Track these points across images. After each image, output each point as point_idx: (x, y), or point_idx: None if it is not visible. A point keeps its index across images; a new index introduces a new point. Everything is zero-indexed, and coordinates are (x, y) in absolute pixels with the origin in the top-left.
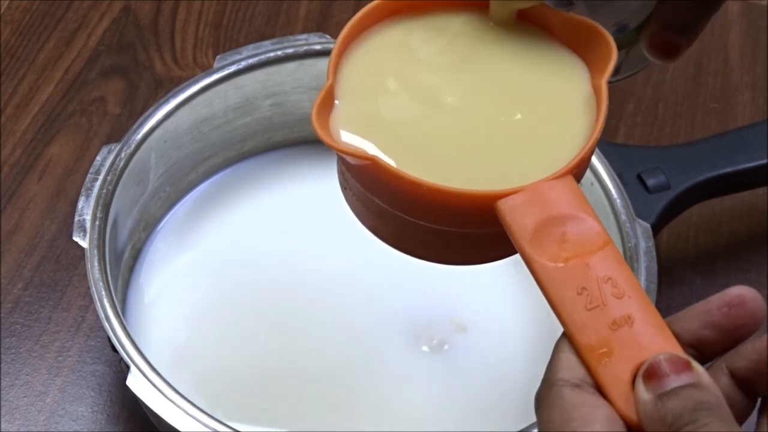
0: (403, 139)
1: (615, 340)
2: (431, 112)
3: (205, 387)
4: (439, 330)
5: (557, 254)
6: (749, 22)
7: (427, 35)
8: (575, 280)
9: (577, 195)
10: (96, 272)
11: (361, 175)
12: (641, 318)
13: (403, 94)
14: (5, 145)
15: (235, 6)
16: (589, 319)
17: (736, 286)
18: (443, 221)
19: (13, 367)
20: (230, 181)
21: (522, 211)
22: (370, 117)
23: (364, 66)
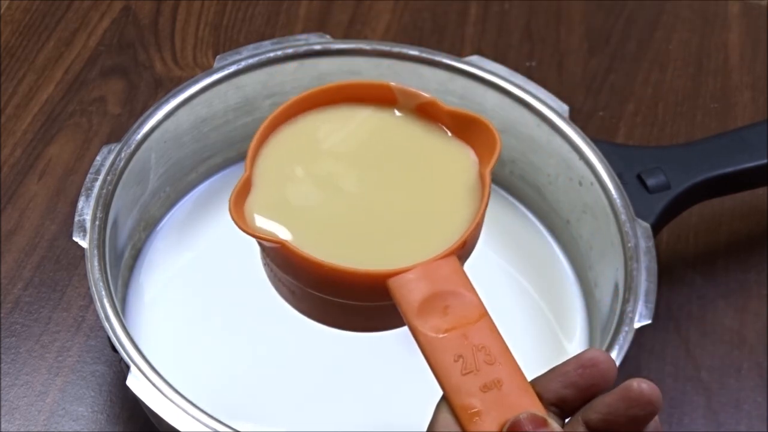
0: (308, 223)
1: (486, 401)
2: (331, 198)
3: (205, 387)
4: None
5: (439, 325)
6: (749, 22)
7: (333, 126)
8: (453, 349)
9: (459, 273)
10: (96, 272)
11: (273, 255)
12: (509, 381)
13: (308, 181)
14: (5, 145)
15: (235, 6)
16: (463, 383)
17: (590, 349)
18: (342, 295)
19: (13, 367)
20: (230, 181)
21: (410, 288)
22: (280, 203)
23: (276, 156)
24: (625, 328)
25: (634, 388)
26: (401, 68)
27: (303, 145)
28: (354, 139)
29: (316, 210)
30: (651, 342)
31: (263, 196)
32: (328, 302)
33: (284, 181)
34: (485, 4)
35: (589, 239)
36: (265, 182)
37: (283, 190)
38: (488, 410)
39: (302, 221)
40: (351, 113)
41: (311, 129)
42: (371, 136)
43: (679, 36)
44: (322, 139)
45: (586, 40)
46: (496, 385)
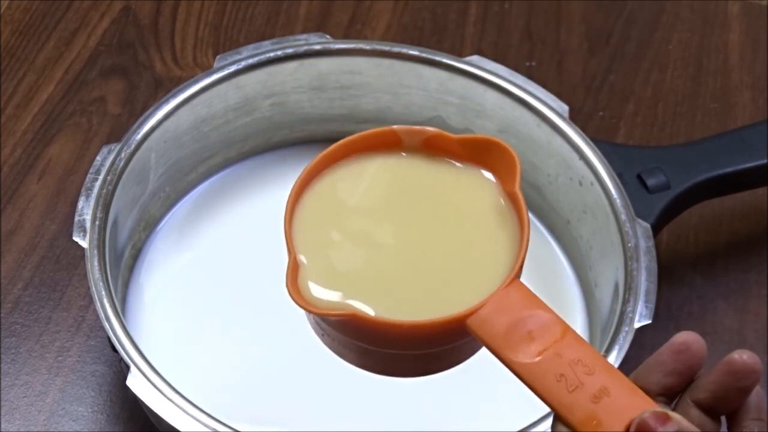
0: (363, 286)
1: (600, 411)
2: (374, 255)
3: (205, 387)
4: None
5: (530, 351)
6: (749, 22)
7: (349, 183)
8: (552, 370)
9: (530, 295)
10: (96, 272)
11: (341, 326)
12: (615, 386)
13: (346, 244)
14: (5, 145)
15: (235, 6)
16: (573, 400)
17: (678, 333)
18: (421, 347)
19: (13, 367)
20: (230, 181)
21: (491, 322)
22: (329, 273)
23: (307, 227)
24: (625, 328)
25: (737, 361)
26: (401, 68)
27: (329, 209)
28: (374, 191)
29: (364, 271)
30: (651, 342)
31: (312, 272)
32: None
33: (325, 250)
34: (485, 4)
35: (589, 239)
36: (308, 257)
37: (327, 259)
38: (606, 419)
39: (356, 285)
40: (362, 167)
41: (330, 191)
42: (390, 185)
43: (679, 36)
44: (344, 199)
45: (586, 40)
46: (604, 393)
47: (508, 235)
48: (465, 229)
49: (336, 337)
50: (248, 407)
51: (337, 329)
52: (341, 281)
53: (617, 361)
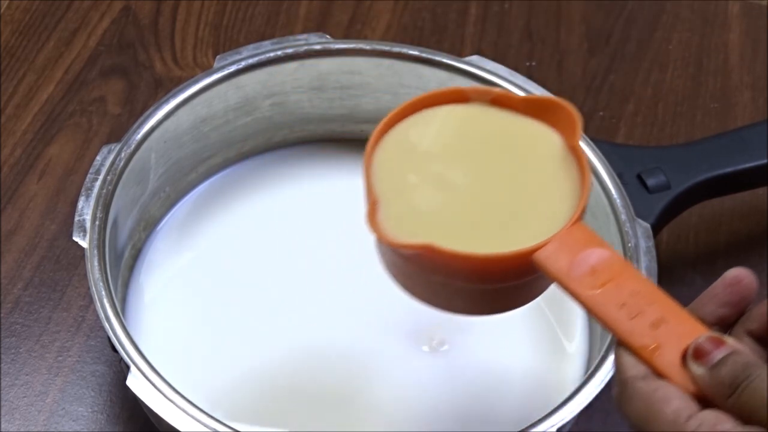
0: (439, 223)
1: (659, 336)
2: (450, 195)
3: (205, 387)
4: (439, 330)
5: (593, 283)
6: (749, 22)
7: (420, 130)
8: (614, 299)
9: (592, 235)
10: (96, 272)
11: (417, 259)
12: (672, 315)
13: (424, 185)
14: (5, 145)
15: (235, 6)
16: (634, 326)
17: (730, 269)
18: (490, 281)
19: (13, 367)
20: (230, 181)
21: (556, 257)
22: (406, 210)
23: (386, 170)
24: None
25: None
26: (401, 68)
27: (404, 153)
28: (444, 136)
29: (441, 209)
30: None
31: (392, 209)
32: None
33: (405, 191)
34: (485, 4)
35: None
36: (388, 196)
37: (404, 199)
38: (665, 343)
39: (432, 222)
40: (431, 115)
41: (403, 138)
42: (459, 129)
43: (679, 36)
44: (416, 144)
45: (586, 40)
46: (662, 321)
47: (570, 182)
48: (531, 173)
49: (409, 273)
50: (248, 407)
51: (412, 263)
52: (418, 219)
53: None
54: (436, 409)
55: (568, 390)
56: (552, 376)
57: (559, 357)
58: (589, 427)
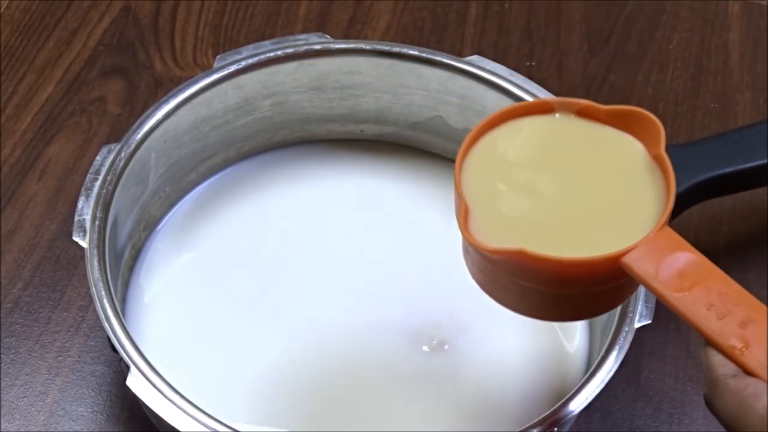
0: (528, 229)
1: (748, 335)
2: (538, 202)
3: (205, 387)
4: (439, 330)
5: (681, 285)
6: (749, 22)
7: (508, 141)
8: (702, 300)
9: (679, 240)
10: (96, 272)
11: (507, 264)
12: (759, 314)
13: (512, 193)
14: (5, 145)
15: (235, 6)
16: (723, 326)
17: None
18: (579, 286)
19: (13, 367)
20: (230, 181)
21: (644, 260)
22: (498, 218)
23: (474, 178)
24: (625, 328)
25: None
26: (401, 68)
27: (491, 164)
28: (531, 145)
29: (530, 216)
30: (651, 342)
31: (481, 216)
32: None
33: (493, 199)
34: (485, 4)
35: None
36: (477, 203)
37: (496, 206)
38: (754, 342)
39: (521, 228)
40: (517, 126)
41: (490, 148)
42: (545, 139)
43: (679, 36)
44: (504, 154)
45: (586, 40)
46: (750, 320)
47: (654, 189)
48: (616, 180)
49: (498, 279)
50: (248, 407)
51: (502, 269)
52: (507, 225)
53: (617, 361)
54: (437, 408)
55: (568, 390)
56: (552, 376)
57: (559, 357)
58: (589, 427)
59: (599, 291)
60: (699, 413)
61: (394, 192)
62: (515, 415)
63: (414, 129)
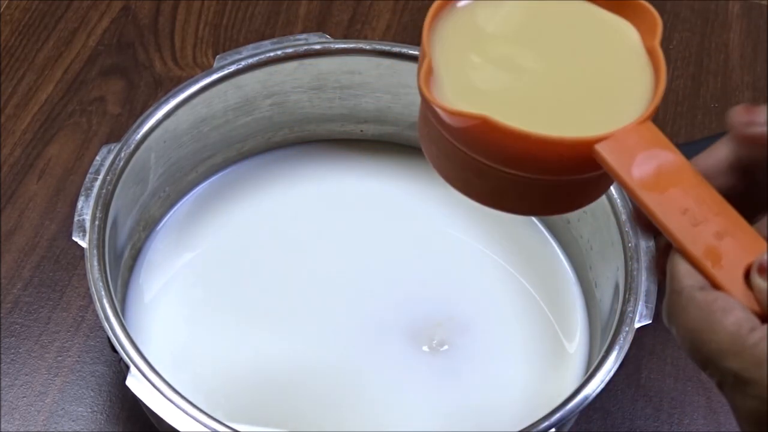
0: (501, 103)
1: (722, 248)
2: (516, 77)
3: (205, 387)
4: (439, 330)
5: (656, 184)
6: (749, 22)
7: (489, 11)
8: (678, 203)
9: (660, 136)
10: (96, 272)
11: (466, 135)
12: (739, 228)
13: (487, 66)
14: (5, 145)
15: (235, 6)
16: (697, 233)
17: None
18: (544, 170)
19: (13, 367)
20: (230, 181)
21: (619, 151)
22: (468, 88)
23: (446, 44)
24: (626, 328)
25: None
26: (401, 68)
27: (468, 33)
28: (514, 18)
29: (505, 90)
30: (651, 342)
31: (449, 83)
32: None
33: (465, 68)
34: None
35: (589, 239)
36: (446, 70)
37: (466, 76)
38: (727, 255)
39: (491, 100)
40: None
41: (469, 16)
42: (532, 14)
43: (679, 36)
44: (483, 25)
45: None
46: (727, 233)
47: (644, 81)
48: (604, 64)
49: (453, 155)
50: (248, 407)
51: (460, 140)
52: (476, 95)
53: (617, 361)
54: (436, 409)
55: (568, 390)
56: (552, 376)
57: (559, 357)
58: (589, 427)
59: (564, 181)
60: (699, 413)
61: (394, 192)
62: (515, 415)
63: (414, 129)
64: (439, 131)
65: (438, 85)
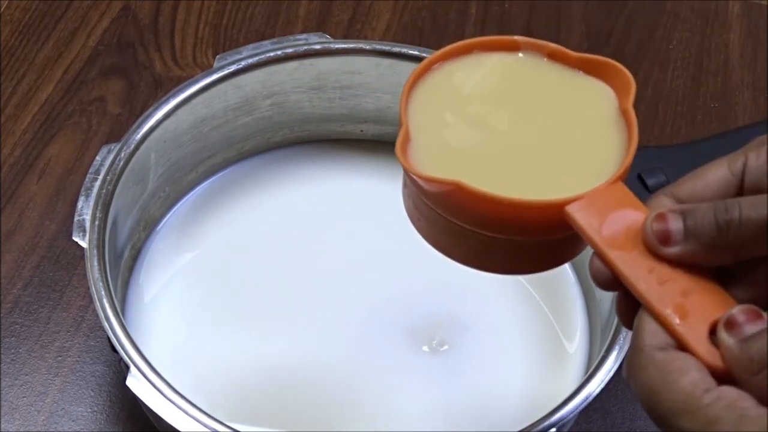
0: (473, 164)
1: (688, 305)
2: (488, 137)
3: (205, 387)
4: (439, 330)
5: (624, 244)
6: (749, 22)
7: (466, 72)
8: (645, 263)
9: (630, 196)
10: (96, 272)
11: (442, 199)
12: (705, 286)
13: (461, 125)
14: (5, 145)
15: (235, 6)
16: (663, 291)
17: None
18: (518, 231)
19: (13, 367)
20: (230, 181)
21: (589, 212)
22: (441, 149)
23: (422, 107)
24: None
25: None
26: (401, 68)
27: (444, 94)
28: (490, 80)
29: (477, 150)
30: None
31: (424, 145)
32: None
33: (439, 128)
34: (485, 4)
35: None
36: (421, 132)
37: (441, 136)
38: (694, 313)
39: (467, 163)
40: (480, 59)
41: (446, 77)
42: (506, 76)
43: (679, 36)
44: (460, 86)
45: (586, 40)
46: (694, 290)
47: (616, 142)
48: (577, 127)
49: (432, 218)
50: (248, 407)
51: (437, 204)
52: (450, 157)
53: (617, 361)
54: (436, 409)
55: (568, 390)
56: (552, 376)
57: (559, 357)
58: (589, 427)
59: (538, 242)
60: None
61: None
62: (515, 415)
63: None
64: (419, 197)
65: (416, 147)
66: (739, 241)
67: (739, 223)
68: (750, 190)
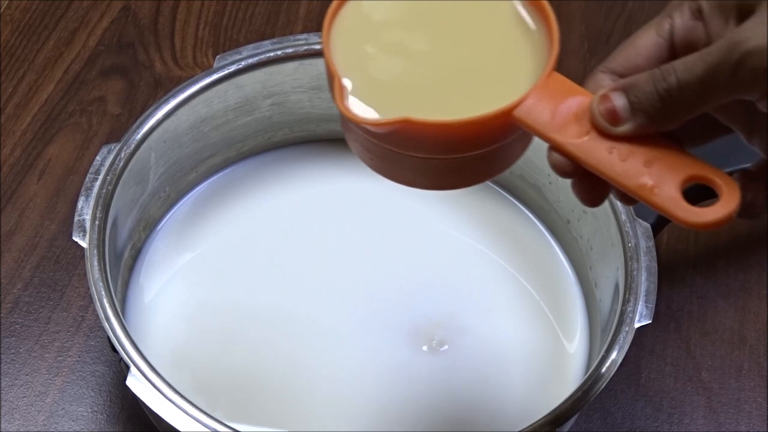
0: (406, 92)
1: (655, 174)
2: (412, 62)
3: (205, 387)
4: (439, 330)
5: (578, 131)
6: None
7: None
8: (602, 144)
9: (568, 83)
10: (96, 272)
11: (393, 137)
12: (665, 152)
13: (383, 54)
14: (5, 145)
15: (235, 6)
16: (628, 167)
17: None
18: (471, 147)
19: (13, 367)
20: (230, 181)
21: (536, 110)
22: (371, 85)
23: (343, 47)
24: (626, 328)
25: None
26: None
27: (358, 27)
28: (399, 4)
29: (404, 78)
30: (651, 342)
31: (355, 90)
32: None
33: (363, 65)
34: None
35: (589, 239)
36: (348, 72)
37: (366, 73)
38: (661, 179)
39: (400, 94)
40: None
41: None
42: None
43: None
44: (370, 15)
45: (586, 40)
46: (656, 159)
47: (535, 38)
48: (494, 33)
49: (387, 156)
50: (248, 407)
51: (389, 142)
52: (384, 92)
53: (617, 361)
54: (436, 409)
55: (568, 390)
56: (552, 376)
57: (559, 357)
58: (589, 427)
59: (491, 151)
60: (699, 413)
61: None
62: (515, 415)
63: None
64: (363, 137)
65: (349, 89)
66: (683, 105)
67: (679, 88)
68: (682, 49)
